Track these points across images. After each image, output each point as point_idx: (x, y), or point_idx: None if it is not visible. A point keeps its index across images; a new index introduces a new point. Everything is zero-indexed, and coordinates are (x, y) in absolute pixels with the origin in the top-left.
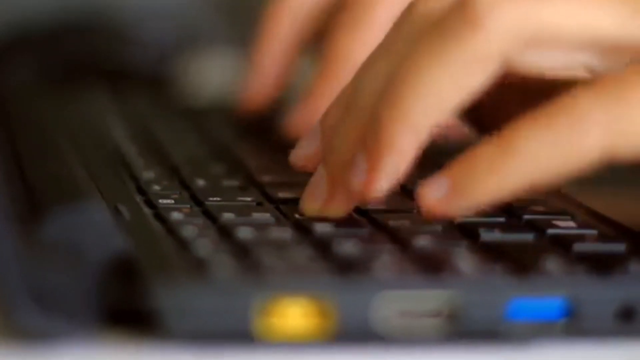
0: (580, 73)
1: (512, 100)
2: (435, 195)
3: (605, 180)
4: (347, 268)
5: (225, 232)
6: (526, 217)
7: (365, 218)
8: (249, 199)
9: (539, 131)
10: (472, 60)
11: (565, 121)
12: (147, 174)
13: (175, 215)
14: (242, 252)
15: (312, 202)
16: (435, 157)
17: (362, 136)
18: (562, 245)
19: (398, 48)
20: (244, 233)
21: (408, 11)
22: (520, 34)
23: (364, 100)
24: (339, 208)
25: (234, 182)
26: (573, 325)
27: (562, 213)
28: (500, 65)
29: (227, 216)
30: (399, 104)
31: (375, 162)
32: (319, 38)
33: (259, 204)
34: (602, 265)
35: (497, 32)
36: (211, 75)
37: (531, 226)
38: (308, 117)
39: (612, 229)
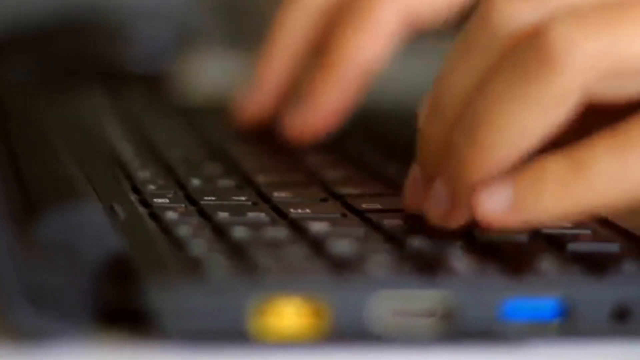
0: None
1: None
2: (494, 206)
3: None
4: (341, 267)
5: (220, 232)
6: None
7: (359, 217)
8: (243, 198)
9: (614, 153)
10: (552, 99)
11: None
12: (143, 174)
13: (170, 215)
14: (237, 252)
15: (411, 196)
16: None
17: (445, 142)
18: (557, 245)
19: (476, 61)
20: (239, 233)
21: (484, 20)
22: (599, 69)
23: (446, 110)
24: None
25: (229, 182)
26: (568, 325)
27: None
28: (581, 98)
29: (222, 216)
30: (481, 143)
31: (456, 197)
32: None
33: (254, 203)
34: (596, 265)
35: (575, 70)
36: (207, 75)
37: None
38: (309, 117)
39: (606, 228)
